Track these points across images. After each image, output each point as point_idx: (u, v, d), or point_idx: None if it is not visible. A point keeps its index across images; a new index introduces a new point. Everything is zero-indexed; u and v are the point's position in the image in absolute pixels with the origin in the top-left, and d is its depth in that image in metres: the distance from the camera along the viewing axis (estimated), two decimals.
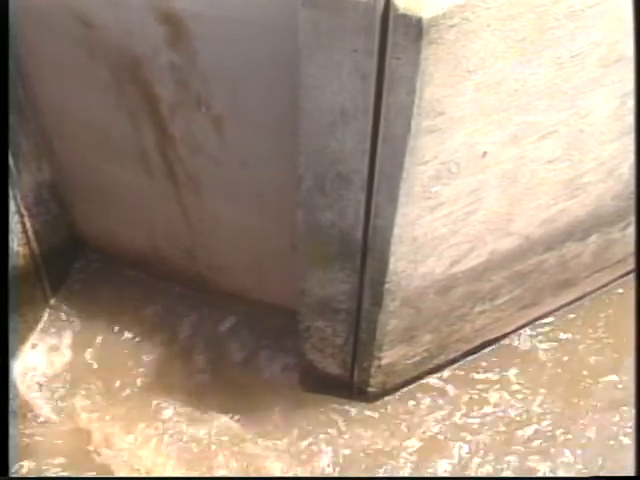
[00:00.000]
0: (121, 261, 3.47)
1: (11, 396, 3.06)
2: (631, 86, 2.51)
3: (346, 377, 3.06)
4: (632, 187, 2.96)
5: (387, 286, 2.56)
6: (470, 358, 3.22)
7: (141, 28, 2.51)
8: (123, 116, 2.83)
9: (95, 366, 3.27)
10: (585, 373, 3.22)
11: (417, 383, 3.18)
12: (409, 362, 3.03)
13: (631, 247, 3.32)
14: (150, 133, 2.83)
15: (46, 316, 3.40)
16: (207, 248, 3.17)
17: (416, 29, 1.89)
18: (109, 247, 3.46)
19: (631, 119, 2.66)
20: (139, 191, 3.08)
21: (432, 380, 3.19)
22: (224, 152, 2.73)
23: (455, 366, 3.20)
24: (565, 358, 3.26)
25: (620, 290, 3.46)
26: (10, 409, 2.97)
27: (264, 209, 2.85)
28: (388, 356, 2.91)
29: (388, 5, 1.90)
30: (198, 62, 2.51)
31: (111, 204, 3.23)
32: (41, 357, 3.28)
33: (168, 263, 3.34)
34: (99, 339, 3.32)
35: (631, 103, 2.60)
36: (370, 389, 3.08)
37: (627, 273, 3.48)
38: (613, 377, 3.20)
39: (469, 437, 3.06)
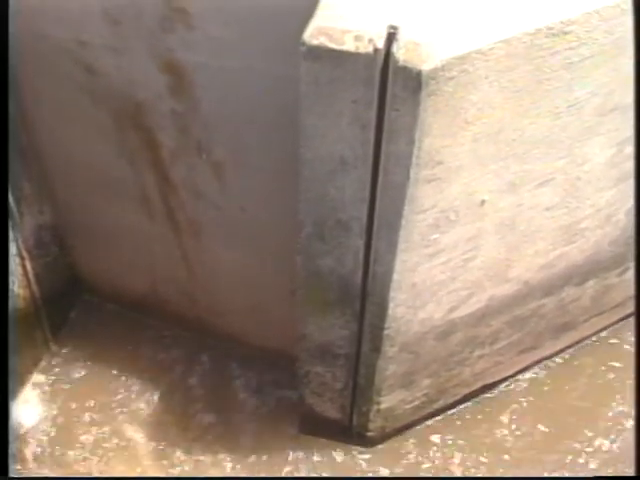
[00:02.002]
0: (122, 304, 3.48)
1: (11, 439, 3.06)
2: (627, 134, 2.56)
3: (345, 421, 3.06)
4: (629, 232, 2.99)
5: (386, 332, 2.57)
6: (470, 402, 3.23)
7: (144, 76, 2.55)
8: (125, 161, 2.86)
9: (95, 409, 3.27)
10: None
11: (416, 427, 3.18)
12: (408, 406, 3.03)
13: (630, 291, 3.34)
14: (151, 178, 2.86)
15: (46, 359, 3.40)
16: (207, 292, 3.19)
17: (415, 81, 1.92)
18: (110, 290, 3.47)
19: (628, 166, 2.69)
20: (140, 234, 3.10)
21: (431, 424, 3.20)
22: (224, 198, 2.76)
23: (454, 410, 3.21)
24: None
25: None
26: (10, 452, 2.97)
27: (264, 254, 2.87)
28: (387, 401, 2.91)
29: (388, 57, 1.93)
30: (200, 109, 2.55)
31: (112, 247, 3.25)
32: (40, 400, 3.28)
33: (168, 306, 3.35)
34: (99, 382, 3.32)
35: (628, 150, 2.63)
36: (369, 433, 3.08)
37: (626, 316, 3.50)
38: None
39: None
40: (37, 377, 3.34)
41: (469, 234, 2.43)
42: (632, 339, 3.45)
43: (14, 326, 3.04)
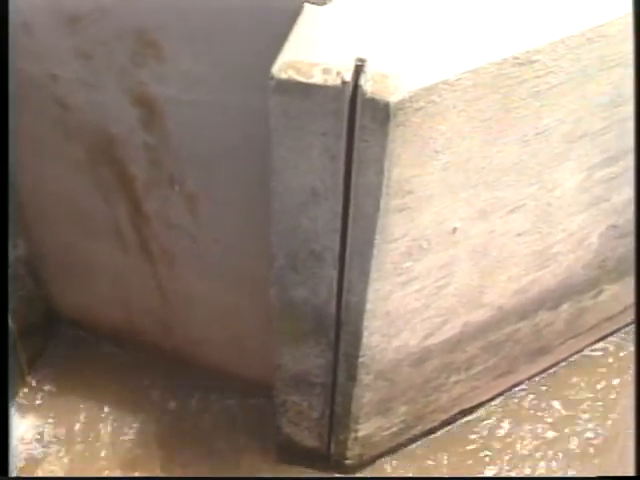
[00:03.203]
0: (98, 335, 3.47)
1: None
2: (596, 159, 2.59)
3: (323, 450, 3.06)
4: (602, 256, 3.02)
5: (361, 360, 2.58)
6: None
7: (116, 110, 2.56)
8: (98, 194, 2.86)
9: (71, 440, 3.25)
10: None
11: (394, 454, 3.18)
12: (386, 433, 3.03)
13: (603, 314, 3.37)
14: (125, 210, 2.86)
15: (23, 392, 3.38)
16: (183, 323, 3.19)
17: (383, 113, 1.93)
18: (85, 322, 3.46)
19: (598, 190, 2.72)
20: (114, 266, 3.10)
21: (409, 450, 3.20)
22: (198, 229, 2.77)
23: (431, 437, 3.21)
24: None
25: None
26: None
27: (238, 285, 2.87)
28: (364, 428, 2.92)
29: (356, 90, 1.94)
30: (171, 142, 2.56)
31: (87, 279, 3.25)
32: (19, 434, 3.26)
33: (145, 337, 3.35)
34: (76, 413, 3.30)
35: (598, 175, 2.66)
36: (347, 461, 3.08)
37: (601, 338, 3.52)
38: None
39: None
40: (14, 410, 3.32)
41: (442, 261, 2.45)
42: None
43: None
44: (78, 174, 2.84)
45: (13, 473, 3.13)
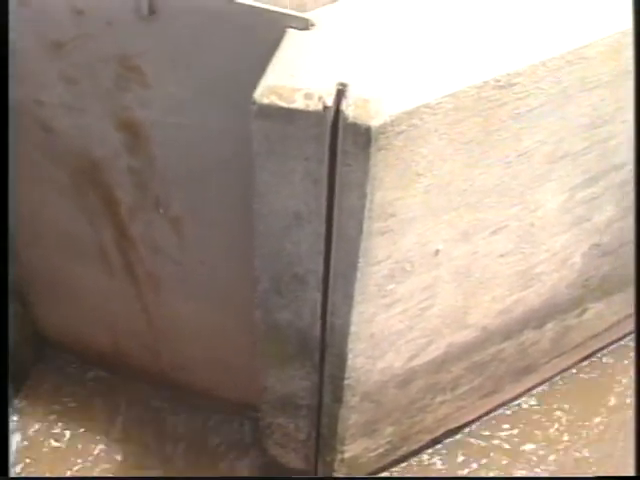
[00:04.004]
0: (84, 359, 3.47)
1: None
2: (578, 180, 2.61)
3: (310, 471, 3.06)
4: (586, 275, 3.04)
5: (347, 382, 2.58)
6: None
7: (100, 134, 2.57)
8: (83, 218, 2.86)
9: (57, 466, 3.24)
10: None
11: (381, 474, 3.19)
12: (372, 454, 3.04)
13: (588, 332, 3.39)
14: (110, 234, 2.87)
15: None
16: (169, 346, 3.19)
17: (365, 137, 1.95)
18: (72, 345, 3.46)
19: (580, 210, 2.74)
20: (100, 290, 3.10)
21: (396, 470, 3.21)
22: (183, 252, 2.77)
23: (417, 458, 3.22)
24: None
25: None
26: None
27: (224, 308, 2.87)
28: (351, 450, 2.92)
29: (338, 114, 1.96)
30: (156, 166, 2.57)
31: (73, 303, 3.25)
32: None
33: (131, 360, 3.35)
34: (62, 439, 3.29)
35: (580, 195, 2.68)
36: None
37: (586, 357, 3.54)
38: None
39: None
40: None
41: (425, 283, 2.46)
42: None
43: None
44: (63, 198, 2.84)
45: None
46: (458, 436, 3.28)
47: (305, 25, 2.17)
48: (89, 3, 2.31)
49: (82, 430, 3.32)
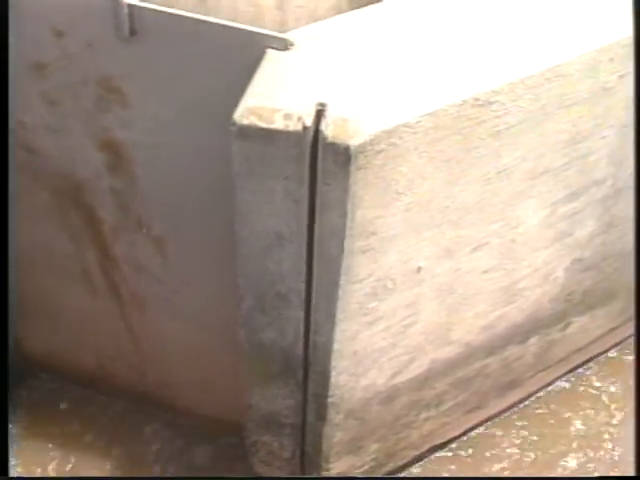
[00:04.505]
0: (69, 379, 3.45)
1: None
2: (559, 195, 2.63)
3: None
4: (569, 289, 3.05)
5: (330, 400, 2.59)
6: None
7: (82, 155, 2.58)
8: (66, 238, 2.87)
9: None
10: None
11: None
12: (358, 472, 3.03)
13: (572, 346, 3.40)
14: (93, 254, 2.87)
15: None
16: (154, 365, 3.18)
17: (344, 156, 1.97)
18: (56, 366, 3.44)
19: (562, 225, 2.76)
20: (84, 310, 3.10)
21: None
22: (167, 271, 2.78)
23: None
24: None
25: None
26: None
27: (208, 327, 2.87)
28: (336, 467, 2.92)
29: (317, 134, 1.98)
30: (138, 186, 2.57)
31: (56, 323, 3.24)
32: None
33: (116, 381, 3.34)
34: (45, 459, 3.28)
35: (561, 210, 2.70)
36: None
37: (570, 370, 3.55)
38: None
39: None
40: None
41: (407, 300, 2.47)
42: None
43: None
44: (46, 218, 2.84)
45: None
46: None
47: (284, 45, 2.19)
48: (70, 25, 2.33)
49: (64, 449, 3.30)
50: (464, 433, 3.31)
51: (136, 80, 2.36)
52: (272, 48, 2.18)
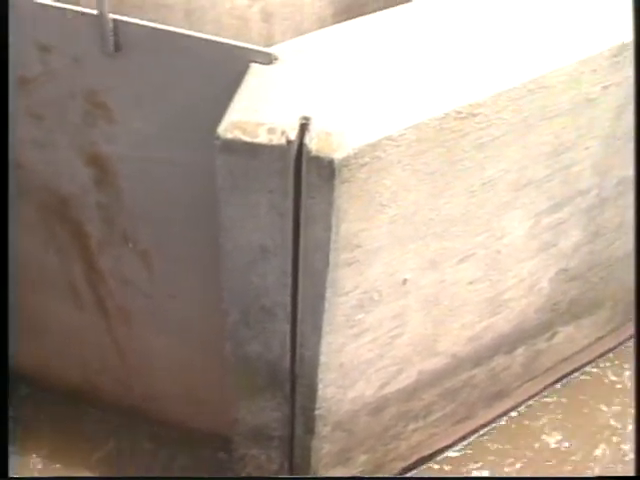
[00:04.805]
0: (56, 394, 3.44)
1: None
2: (543, 206, 2.64)
3: None
4: (554, 300, 3.06)
5: (318, 412, 2.59)
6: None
7: (68, 169, 2.58)
8: (53, 252, 2.87)
9: None
10: None
11: None
12: None
13: (559, 355, 3.41)
14: (80, 268, 2.87)
15: None
16: (140, 379, 3.18)
17: (328, 170, 1.98)
18: (42, 380, 3.43)
19: (546, 236, 2.77)
20: (70, 324, 3.10)
21: None
22: (153, 285, 2.78)
23: None
24: None
25: None
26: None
27: (195, 340, 2.87)
28: None
29: (301, 148, 1.99)
30: (124, 200, 2.58)
31: (42, 337, 3.23)
32: None
33: (103, 394, 3.33)
34: (31, 474, 3.27)
35: (545, 221, 2.72)
36: None
37: (557, 380, 3.55)
38: None
39: None
40: None
41: (393, 312, 2.48)
42: None
43: None
44: (33, 233, 2.84)
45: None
46: None
47: (269, 60, 2.20)
48: (55, 40, 2.34)
49: (51, 464, 3.29)
50: (453, 444, 3.31)
51: (121, 95, 2.37)
52: (256, 62, 2.19)
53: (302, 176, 2.01)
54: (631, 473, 2.63)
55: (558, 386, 3.54)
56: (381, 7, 2.70)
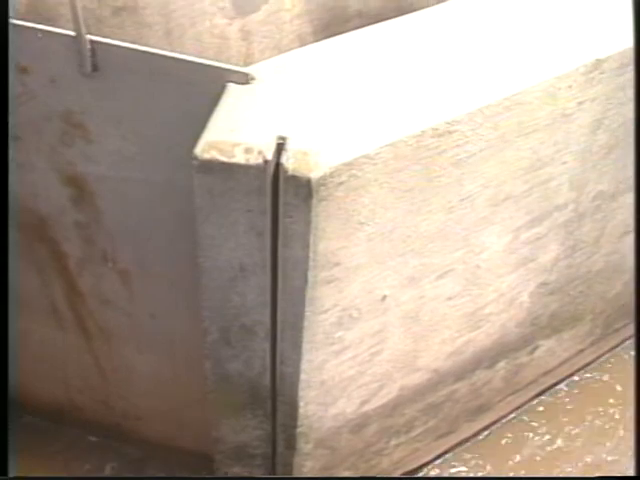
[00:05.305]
0: (37, 414, 3.42)
1: None
2: (521, 221, 2.65)
3: None
4: (535, 313, 3.08)
5: (299, 430, 2.59)
6: None
7: (46, 189, 2.58)
8: (33, 272, 2.86)
9: None
10: None
11: None
12: None
13: (540, 369, 3.42)
14: (59, 288, 2.86)
15: None
16: (122, 398, 3.17)
17: (305, 189, 1.99)
18: (24, 400, 3.41)
19: (525, 251, 2.78)
20: (51, 344, 3.09)
21: None
22: (133, 304, 2.77)
23: None
24: None
25: None
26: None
27: (175, 359, 2.87)
28: None
29: (278, 168, 2.00)
30: (103, 220, 2.58)
31: (24, 358, 3.21)
32: None
33: (85, 414, 3.32)
34: None
35: (524, 236, 2.73)
36: None
37: (539, 393, 3.56)
38: None
39: None
40: None
41: (373, 329, 2.48)
42: None
43: None
44: (12, 253, 2.83)
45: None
46: None
47: (245, 79, 2.21)
48: (33, 60, 2.34)
49: None
50: (435, 458, 3.32)
51: (99, 115, 2.37)
52: (233, 82, 2.20)
53: (280, 195, 2.02)
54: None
55: None
56: (359, 25, 2.73)
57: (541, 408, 3.53)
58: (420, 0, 3.94)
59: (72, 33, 2.24)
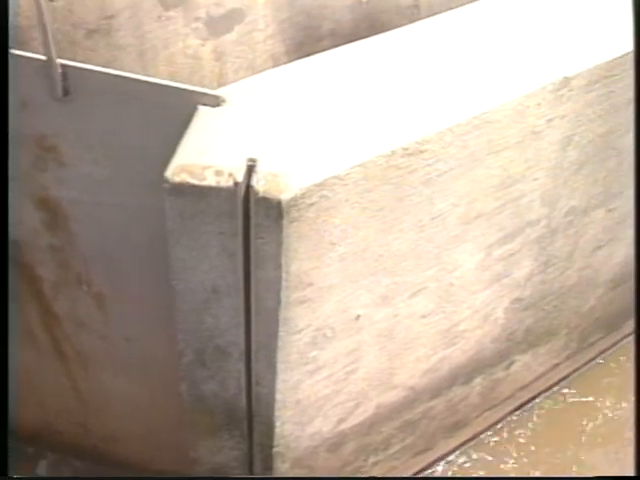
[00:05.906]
0: (16, 438, 3.39)
1: None
2: (493, 239, 2.67)
3: None
4: (510, 330, 3.10)
5: (276, 449, 2.60)
6: None
7: (20, 214, 2.58)
8: (8, 297, 2.85)
9: None
10: None
11: None
12: None
13: (517, 384, 3.44)
14: (34, 312, 2.85)
15: None
16: (100, 421, 3.16)
17: (276, 210, 2.00)
18: None
19: (498, 268, 2.80)
20: (27, 368, 3.08)
21: None
22: (108, 328, 2.77)
23: None
24: None
25: None
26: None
27: (152, 381, 2.87)
28: None
29: (248, 190, 2.01)
30: (77, 243, 2.58)
31: None
32: None
33: (63, 437, 3.31)
34: None
35: (496, 253, 2.75)
36: None
37: (516, 408, 3.58)
38: None
39: None
40: None
41: (348, 348, 2.49)
42: None
43: None
44: None
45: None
46: None
47: (216, 102, 2.22)
48: None
49: None
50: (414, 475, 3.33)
51: (71, 139, 2.38)
52: (204, 104, 2.21)
53: (251, 217, 2.03)
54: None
55: None
56: (332, 44, 2.75)
57: None
58: (392, 20, 4.00)
59: (43, 57, 2.25)
